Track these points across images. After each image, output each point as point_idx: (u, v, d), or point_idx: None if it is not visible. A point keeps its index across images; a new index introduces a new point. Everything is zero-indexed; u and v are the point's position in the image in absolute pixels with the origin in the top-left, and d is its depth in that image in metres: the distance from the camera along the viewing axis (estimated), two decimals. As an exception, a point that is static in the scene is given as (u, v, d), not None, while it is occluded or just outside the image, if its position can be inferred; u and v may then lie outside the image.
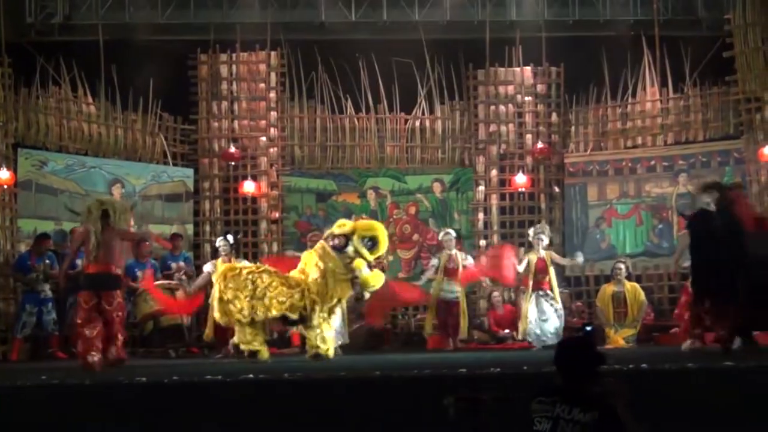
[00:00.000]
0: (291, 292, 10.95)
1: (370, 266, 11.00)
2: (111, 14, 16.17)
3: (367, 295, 11.67)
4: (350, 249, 10.94)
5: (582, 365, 5.21)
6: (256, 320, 11.00)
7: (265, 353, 11.09)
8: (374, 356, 12.75)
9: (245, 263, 12.64)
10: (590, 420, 5.00)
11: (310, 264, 11.10)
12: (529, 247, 14.64)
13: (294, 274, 11.21)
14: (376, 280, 11.04)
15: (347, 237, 10.98)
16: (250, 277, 11.07)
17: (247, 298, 10.95)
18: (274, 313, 11.00)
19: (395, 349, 14.88)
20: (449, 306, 14.05)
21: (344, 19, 16.46)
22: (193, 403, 7.49)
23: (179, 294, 13.95)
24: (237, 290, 10.98)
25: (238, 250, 13.70)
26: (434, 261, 14.58)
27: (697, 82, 16.23)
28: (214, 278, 11.59)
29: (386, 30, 16.50)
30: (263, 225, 16.51)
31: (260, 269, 11.25)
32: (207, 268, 13.24)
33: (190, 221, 16.40)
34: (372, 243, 10.98)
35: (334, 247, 10.99)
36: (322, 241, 11.28)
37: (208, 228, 16.59)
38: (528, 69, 17.01)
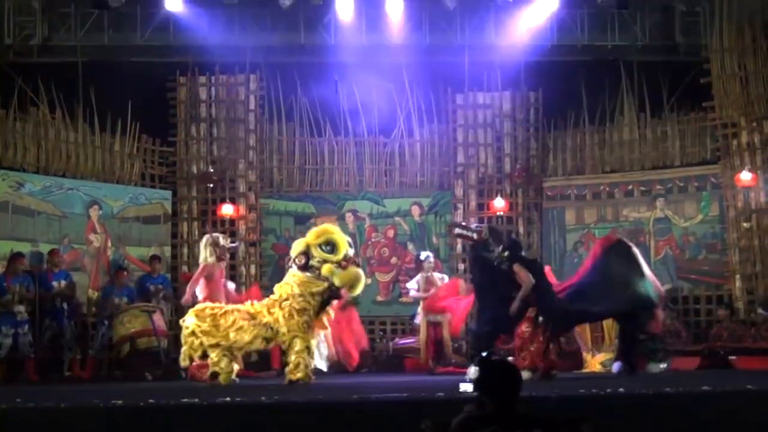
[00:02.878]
0: (255, 326, 10.87)
1: (341, 266, 10.89)
2: (90, 36, 16.13)
3: (356, 291, 11.42)
4: (314, 261, 10.86)
5: (511, 386, 5.18)
6: (222, 351, 10.90)
7: (225, 377, 10.87)
8: (352, 379, 12.71)
9: (230, 284, 12.65)
10: None
11: (283, 292, 11.03)
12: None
13: (264, 304, 11.17)
14: (353, 276, 10.90)
15: (305, 253, 10.90)
16: (212, 318, 10.91)
17: (206, 336, 10.83)
18: (238, 350, 11.02)
19: (373, 372, 14.84)
20: (434, 328, 13.97)
21: (323, 42, 16.48)
22: (169, 426, 7.43)
23: (157, 316, 13.90)
24: (204, 329, 10.87)
25: None
26: (412, 283, 14.46)
27: (675, 108, 16.36)
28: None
29: (366, 53, 16.52)
30: (241, 247, 16.45)
31: (223, 310, 11.07)
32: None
33: (168, 243, 16.37)
34: (331, 246, 10.88)
35: (299, 268, 10.91)
36: (290, 270, 11.13)
37: (186, 250, 16.54)
38: (507, 93, 17.08)
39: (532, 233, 16.87)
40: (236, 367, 11.28)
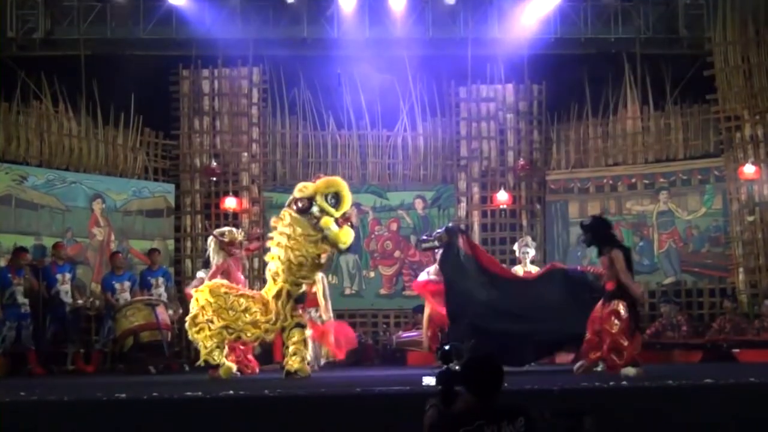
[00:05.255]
0: (266, 318, 10.80)
1: (338, 222, 10.78)
2: (93, 29, 16.14)
3: (344, 246, 11.24)
4: (315, 209, 10.75)
5: (495, 379, 5.20)
6: (224, 336, 10.83)
7: (226, 369, 10.82)
8: (355, 372, 12.72)
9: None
10: (521, 428, 5.01)
11: (276, 244, 10.90)
12: (512, 263, 14.62)
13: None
14: (346, 236, 10.82)
15: (310, 198, 10.80)
16: (226, 295, 10.87)
17: (217, 315, 10.76)
18: (247, 337, 10.93)
19: (376, 365, 14.85)
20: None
21: (326, 35, 16.47)
22: (173, 419, 7.45)
23: (160, 310, 13.89)
24: (215, 307, 10.80)
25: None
26: (423, 275, 14.31)
27: (678, 100, 16.34)
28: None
29: (368, 46, 16.51)
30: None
31: (239, 292, 11.04)
32: (200, 274, 13.30)
33: (171, 237, 16.37)
34: (336, 200, 10.79)
35: (298, 210, 10.80)
36: (285, 209, 11.02)
37: (189, 244, 16.56)
38: (510, 86, 17.06)
39: (535, 226, 16.86)
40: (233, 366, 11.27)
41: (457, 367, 5.48)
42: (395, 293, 16.57)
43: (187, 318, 11.10)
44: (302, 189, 10.97)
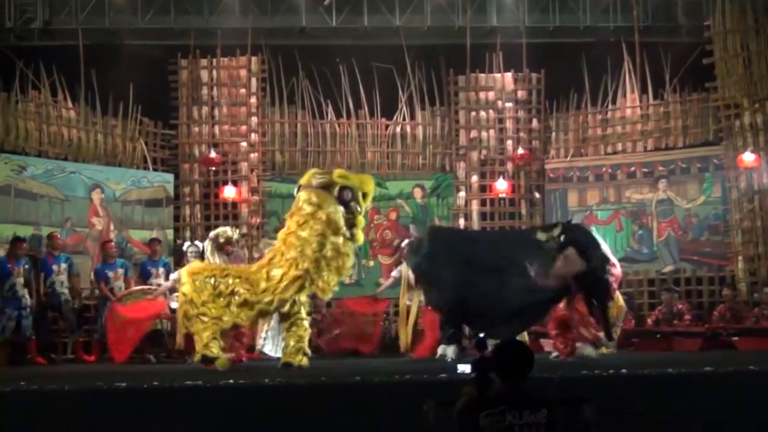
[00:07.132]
0: (257, 297, 10.38)
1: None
2: (91, 19, 16.14)
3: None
4: (357, 206, 10.37)
5: (523, 366, 5.22)
6: (220, 326, 10.48)
7: (223, 361, 10.44)
8: (354, 361, 12.74)
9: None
10: (543, 418, 5.03)
11: (293, 227, 10.47)
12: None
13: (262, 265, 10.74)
14: (360, 237, 10.60)
15: (353, 190, 10.38)
16: (212, 281, 10.46)
17: (207, 305, 10.39)
18: (243, 321, 10.64)
19: (376, 354, 14.86)
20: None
21: (325, 24, 16.48)
22: (173, 408, 7.46)
23: (160, 299, 13.87)
24: (204, 299, 10.40)
25: (202, 256, 12.66)
26: (395, 272, 14.39)
27: (677, 89, 16.32)
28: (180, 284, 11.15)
29: (367, 36, 16.51)
30: (244, 230, 16.45)
31: (224, 272, 10.62)
32: (173, 276, 13.12)
33: (171, 227, 16.36)
34: (362, 196, 10.51)
35: (341, 201, 10.30)
36: (321, 191, 10.37)
37: (188, 233, 16.53)
38: (508, 75, 17.05)
39: (534, 215, 16.86)
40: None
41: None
42: (395, 282, 16.52)
43: (177, 314, 10.99)
44: (343, 175, 10.50)
